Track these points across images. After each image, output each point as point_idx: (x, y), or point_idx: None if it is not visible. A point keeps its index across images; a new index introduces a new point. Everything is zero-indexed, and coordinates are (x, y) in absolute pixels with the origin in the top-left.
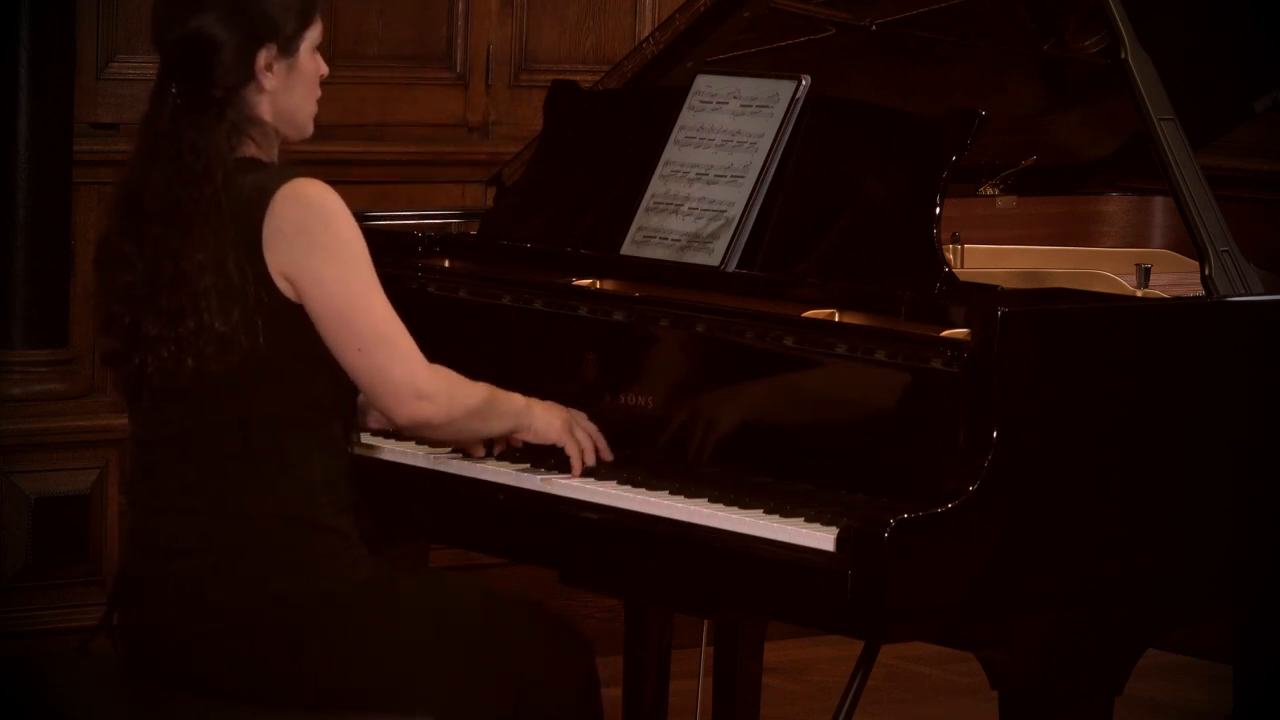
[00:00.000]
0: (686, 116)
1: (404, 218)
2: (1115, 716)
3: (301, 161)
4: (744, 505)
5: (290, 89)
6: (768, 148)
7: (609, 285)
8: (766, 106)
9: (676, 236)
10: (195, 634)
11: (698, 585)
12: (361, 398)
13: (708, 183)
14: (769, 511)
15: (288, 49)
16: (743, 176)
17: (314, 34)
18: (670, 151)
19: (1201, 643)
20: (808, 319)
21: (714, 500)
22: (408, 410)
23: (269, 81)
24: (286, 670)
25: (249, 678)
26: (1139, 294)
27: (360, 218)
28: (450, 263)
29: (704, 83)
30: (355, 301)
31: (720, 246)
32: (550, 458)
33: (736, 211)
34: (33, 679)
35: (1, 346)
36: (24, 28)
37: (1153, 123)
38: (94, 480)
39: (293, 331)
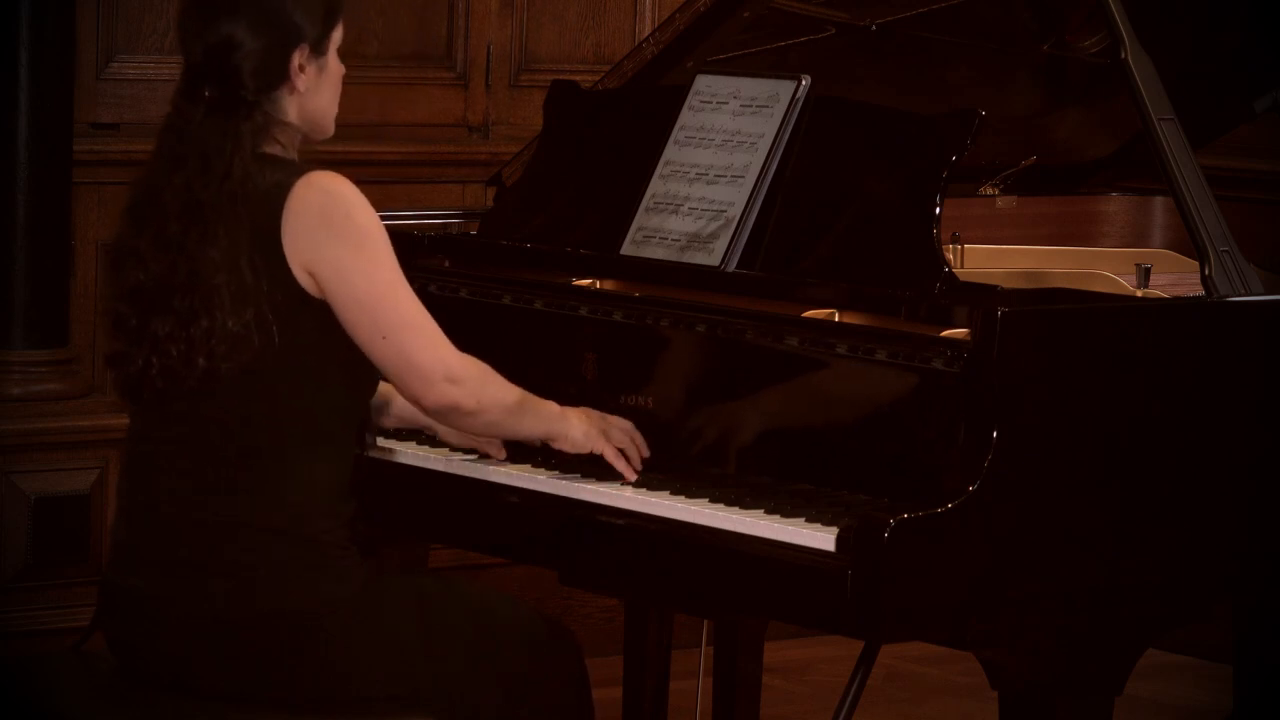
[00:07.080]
0: (686, 116)
1: (404, 218)
2: (1115, 716)
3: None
4: (744, 505)
5: (319, 90)
6: (768, 148)
7: (609, 285)
8: (766, 106)
9: (676, 236)
10: (185, 644)
11: (698, 585)
12: (375, 398)
13: (708, 183)
14: (769, 512)
15: (318, 49)
16: (743, 176)
17: (339, 34)
18: (670, 151)
19: (1201, 643)
20: (808, 319)
21: (714, 500)
22: (437, 393)
23: (302, 83)
24: (280, 677)
25: (241, 685)
26: (1139, 294)
27: None
28: (450, 263)
29: (704, 83)
30: (379, 289)
31: (720, 246)
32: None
33: (736, 211)
34: (29, 679)
35: (1, 346)
36: (24, 28)
37: (1153, 123)
38: (94, 480)
39: (309, 330)
